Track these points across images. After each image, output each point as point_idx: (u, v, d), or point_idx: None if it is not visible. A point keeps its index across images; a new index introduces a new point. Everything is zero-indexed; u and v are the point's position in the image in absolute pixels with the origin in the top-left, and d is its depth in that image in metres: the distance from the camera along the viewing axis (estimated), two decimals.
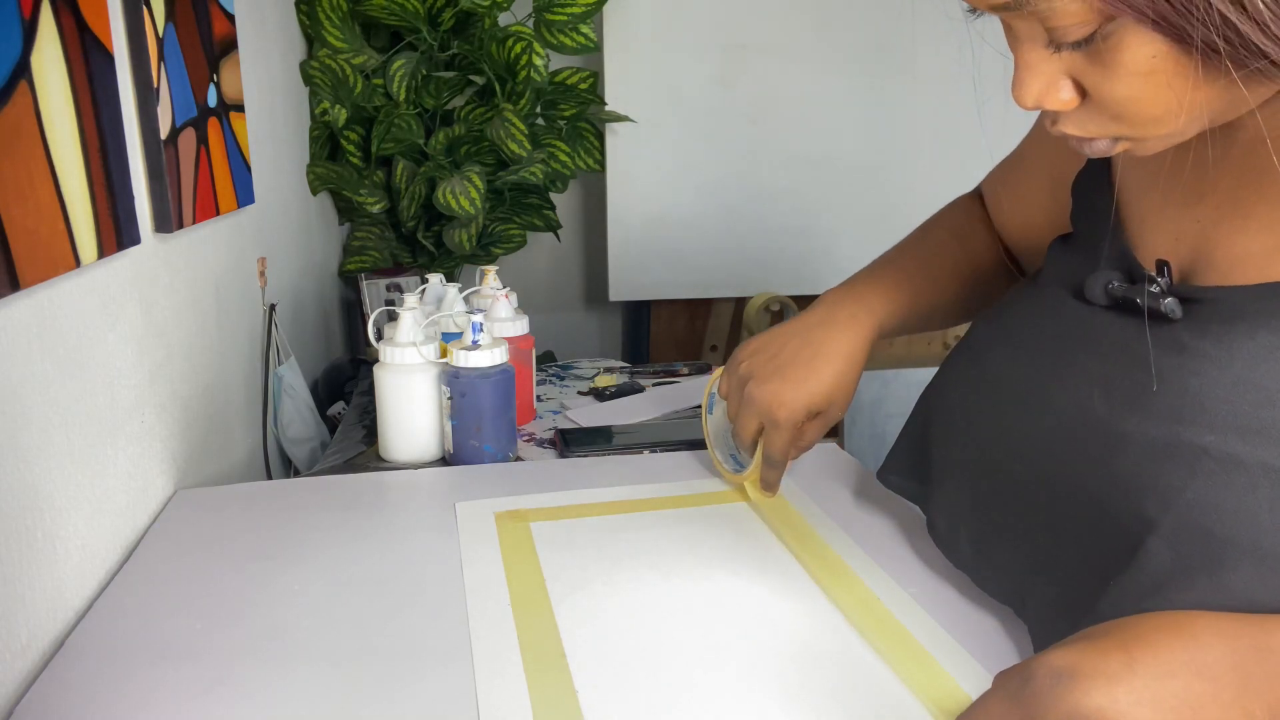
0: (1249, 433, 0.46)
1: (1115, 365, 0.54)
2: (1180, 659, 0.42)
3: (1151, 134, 0.46)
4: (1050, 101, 0.46)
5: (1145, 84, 0.43)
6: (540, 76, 1.69)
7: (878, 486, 0.82)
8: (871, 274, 0.78)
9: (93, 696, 0.54)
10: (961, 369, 0.67)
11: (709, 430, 0.84)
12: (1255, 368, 0.48)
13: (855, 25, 1.91)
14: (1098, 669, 0.42)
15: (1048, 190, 0.71)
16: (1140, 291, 0.53)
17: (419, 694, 0.54)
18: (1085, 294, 0.57)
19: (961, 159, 1.99)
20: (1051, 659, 0.43)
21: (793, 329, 0.75)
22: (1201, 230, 0.54)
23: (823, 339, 0.73)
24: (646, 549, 0.70)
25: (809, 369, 0.72)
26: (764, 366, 0.74)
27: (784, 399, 0.72)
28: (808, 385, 0.72)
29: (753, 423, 0.74)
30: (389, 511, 0.78)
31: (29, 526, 0.58)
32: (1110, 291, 0.55)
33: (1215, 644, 0.43)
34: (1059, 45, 0.44)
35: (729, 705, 0.53)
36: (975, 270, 0.79)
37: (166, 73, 0.83)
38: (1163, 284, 0.53)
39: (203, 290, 0.95)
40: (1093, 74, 0.44)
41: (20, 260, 0.56)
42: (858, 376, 0.74)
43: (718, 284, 2.03)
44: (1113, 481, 0.51)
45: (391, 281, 1.57)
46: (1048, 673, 0.42)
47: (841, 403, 0.74)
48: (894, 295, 0.75)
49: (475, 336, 0.87)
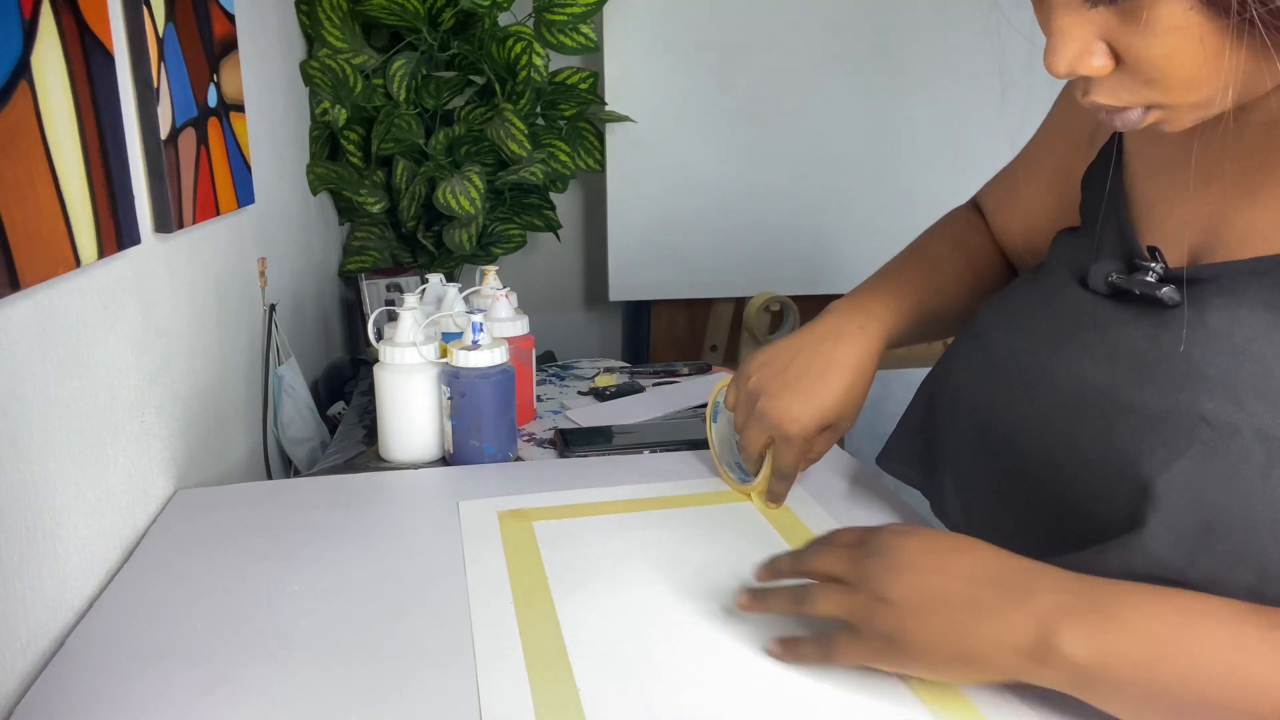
0: (1247, 401, 0.47)
1: (1118, 339, 0.55)
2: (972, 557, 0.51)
3: (1184, 100, 0.46)
4: (1084, 67, 0.46)
5: (1179, 41, 0.43)
6: (540, 76, 1.69)
7: (878, 486, 0.82)
8: (877, 284, 0.78)
9: (93, 696, 0.54)
10: (965, 353, 0.67)
11: (714, 440, 0.84)
12: (1255, 339, 0.49)
13: (855, 25, 1.91)
14: (919, 541, 0.52)
15: (1052, 189, 0.72)
16: (1138, 282, 0.54)
17: (420, 693, 0.54)
18: (1089, 283, 0.58)
19: (961, 159, 2.00)
20: (894, 529, 0.54)
21: (801, 341, 0.75)
22: (1211, 212, 0.54)
23: (831, 352, 0.73)
24: (648, 548, 0.70)
25: (819, 383, 0.72)
26: (773, 381, 0.74)
27: (794, 414, 0.72)
28: (819, 399, 0.72)
29: (762, 437, 0.74)
30: (389, 511, 0.78)
31: (29, 526, 0.58)
32: (1111, 282, 0.56)
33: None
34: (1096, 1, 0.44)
35: (729, 704, 0.52)
36: (978, 277, 0.79)
37: (166, 73, 0.83)
38: (1158, 269, 0.54)
39: (203, 290, 0.95)
40: (1126, 34, 0.44)
41: (20, 260, 0.56)
42: (867, 388, 0.74)
43: (718, 284, 2.03)
44: (1113, 450, 0.52)
45: (391, 281, 1.57)
46: (879, 541, 0.53)
47: (851, 414, 0.74)
48: (900, 305, 0.75)
49: (475, 336, 0.87)
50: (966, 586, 0.49)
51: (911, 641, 0.49)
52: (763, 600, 0.57)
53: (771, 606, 0.56)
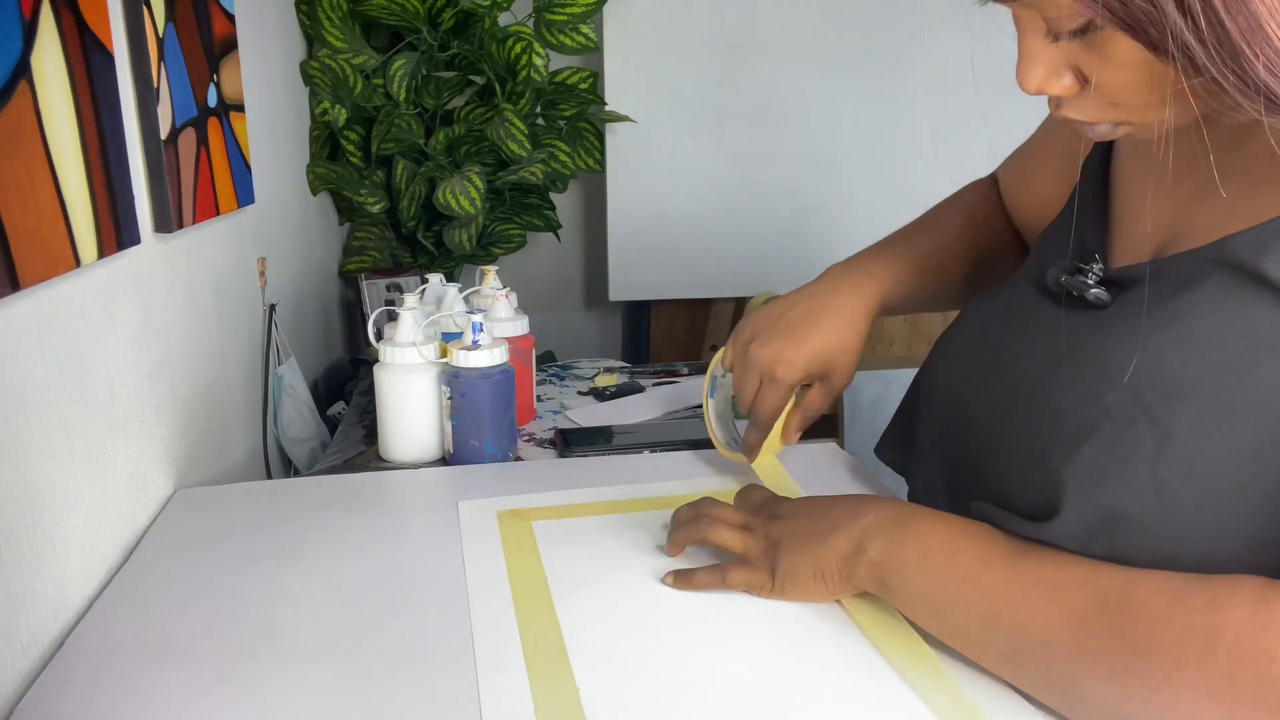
0: (1142, 391, 0.49)
1: (1057, 336, 0.58)
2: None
3: (1147, 119, 0.48)
4: (1051, 87, 0.49)
5: (1135, 74, 0.45)
6: (540, 76, 1.69)
7: (878, 485, 0.82)
8: (880, 249, 0.79)
9: (93, 696, 0.54)
10: (944, 345, 0.70)
11: (709, 411, 0.85)
12: (1155, 331, 0.51)
13: (855, 25, 1.91)
14: (813, 508, 0.64)
15: (1063, 172, 0.72)
16: (1077, 284, 0.57)
17: (421, 693, 0.54)
18: (1046, 280, 0.61)
19: (961, 158, 1.99)
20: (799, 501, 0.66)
21: (797, 295, 0.77)
22: (1179, 210, 0.56)
23: (826, 304, 0.75)
24: (648, 548, 0.70)
25: (810, 330, 0.74)
26: (767, 329, 0.76)
27: (784, 356, 0.74)
28: (809, 344, 0.74)
29: (754, 382, 0.76)
30: (389, 511, 0.78)
31: (29, 526, 0.58)
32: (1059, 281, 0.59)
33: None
34: (1056, 35, 0.46)
35: (730, 703, 0.52)
36: (986, 254, 0.80)
37: (166, 73, 0.83)
38: (1097, 271, 0.57)
39: (203, 290, 0.95)
40: (1090, 62, 0.46)
41: (20, 260, 0.56)
42: (860, 342, 0.75)
43: (718, 284, 2.03)
44: (1036, 441, 0.54)
45: (391, 281, 1.57)
46: (784, 507, 0.66)
47: (843, 368, 0.75)
48: (900, 270, 0.77)
49: (475, 336, 0.87)
50: (824, 520, 0.61)
51: (786, 567, 0.61)
52: (686, 578, 0.65)
53: (698, 583, 0.65)
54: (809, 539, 0.61)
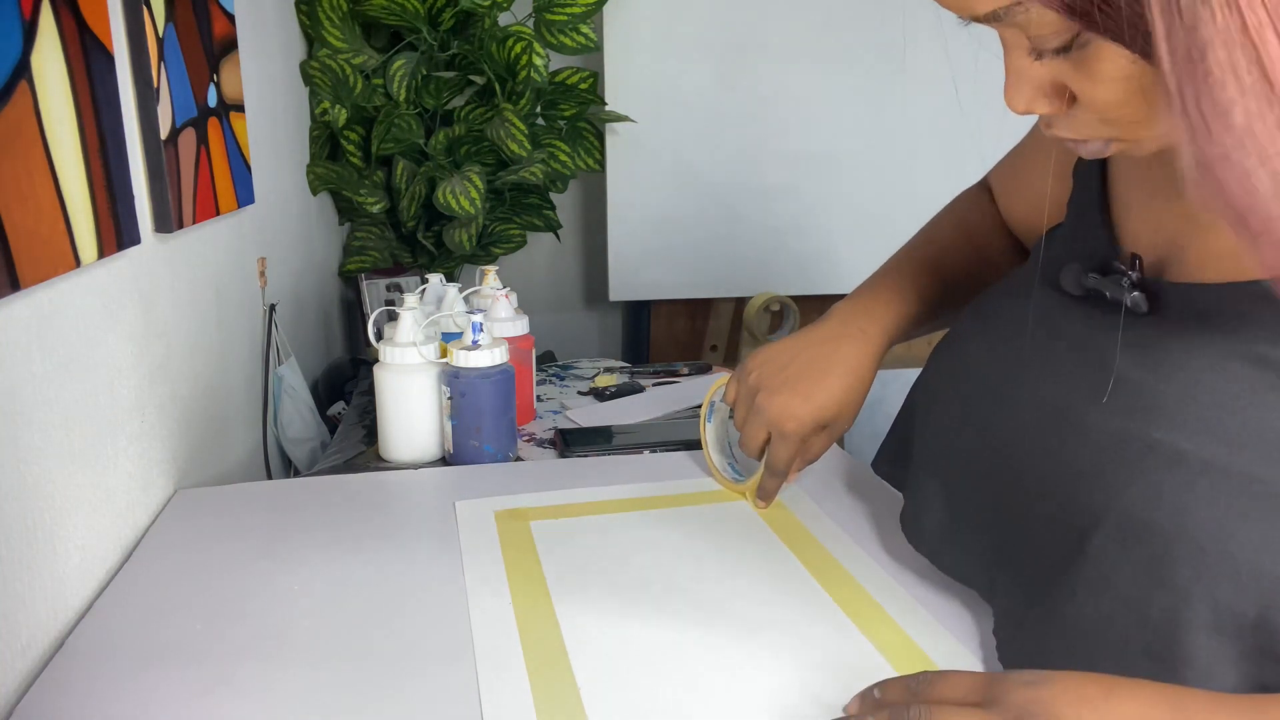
0: (1196, 432, 0.47)
1: (1082, 357, 0.55)
2: (1155, 697, 0.42)
3: (1139, 136, 0.47)
4: (1039, 106, 0.47)
5: (1124, 89, 0.43)
6: (540, 76, 1.69)
7: (877, 485, 0.82)
8: (880, 282, 0.78)
9: (93, 696, 0.54)
10: (943, 359, 0.68)
11: (707, 438, 0.84)
12: (1210, 369, 0.48)
13: (855, 25, 1.91)
14: (1073, 685, 0.43)
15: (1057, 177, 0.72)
16: (1111, 284, 0.54)
17: (421, 693, 0.54)
18: (1061, 283, 0.58)
19: (961, 159, 1.99)
20: (1033, 670, 0.45)
21: (803, 342, 0.76)
22: (1178, 224, 0.55)
23: (832, 353, 0.74)
24: (647, 548, 0.70)
25: (818, 382, 0.73)
26: (773, 378, 0.74)
27: (793, 411, 0.73)
28: (816, 398, 0.73)
29: (761, 433, 0.75)
30: (389, 511, 0.78)
31: (29, 526, 0.58)
32: (1084, 283, 0.57)
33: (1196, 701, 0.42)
34: (1040, 53, 0.45)
35: (730, 703, 0.53)
36: (985, 264, 0.80)
37: (166, 73, 0.83)
38: (1133, 277, 0.54)
39: (203, 290, 0.95)
40: (1077, 80, 0.45)
41: (20, 260, 0.56)
42: (866, 390, 0.75)
43: (718, 284, 2.03)
44: (1068, 473, 0.52)
45: (391, 281, 1.57)
46: (1025, 675, 0.45)
47: (849, 415, 0.75)
48: (902, 305, 0.76)
49: (475, 336, 0.87)
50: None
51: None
52: None
53: None
54: None
